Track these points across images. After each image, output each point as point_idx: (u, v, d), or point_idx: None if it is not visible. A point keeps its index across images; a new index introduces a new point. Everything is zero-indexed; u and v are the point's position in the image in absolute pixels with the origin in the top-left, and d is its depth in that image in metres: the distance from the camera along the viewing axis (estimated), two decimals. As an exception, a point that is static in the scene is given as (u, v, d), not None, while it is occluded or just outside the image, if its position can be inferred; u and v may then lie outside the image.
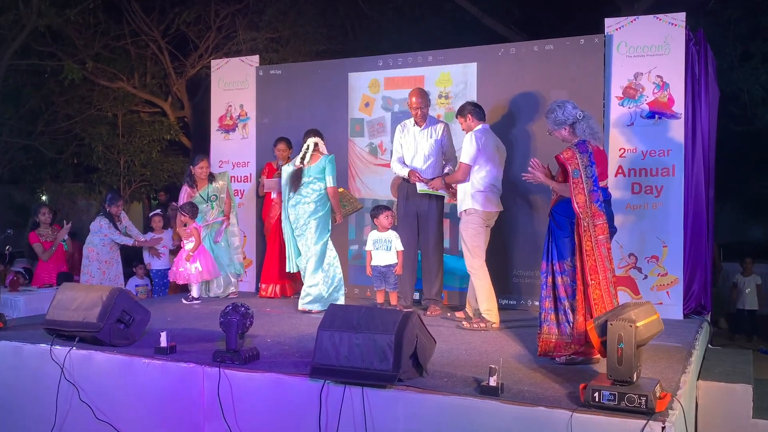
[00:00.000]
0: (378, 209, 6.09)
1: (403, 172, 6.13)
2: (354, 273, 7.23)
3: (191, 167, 7.17)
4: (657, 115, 6.08)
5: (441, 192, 6.05)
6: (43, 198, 13.12)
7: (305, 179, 6.19)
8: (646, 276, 6.10)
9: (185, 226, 6.93)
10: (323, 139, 6.34)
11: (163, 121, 12.34)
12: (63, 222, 7.90)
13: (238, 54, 10.60)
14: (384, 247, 6.02)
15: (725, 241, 10.21)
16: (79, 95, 11.91)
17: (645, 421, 3.17)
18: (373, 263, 6.08)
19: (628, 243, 6.12)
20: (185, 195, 7.17)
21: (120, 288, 5.01)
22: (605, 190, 4.50)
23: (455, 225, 6.68)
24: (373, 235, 6.11)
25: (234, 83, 7.94)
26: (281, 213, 6.63)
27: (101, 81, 11.75)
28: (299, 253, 6.31)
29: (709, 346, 5.98)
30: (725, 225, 8.61)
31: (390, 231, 6.04)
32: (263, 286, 7.13)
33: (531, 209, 6.39)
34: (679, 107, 6.02)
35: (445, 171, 6.09)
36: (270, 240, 7.19)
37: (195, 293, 6.85)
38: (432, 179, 5.99)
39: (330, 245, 6.32)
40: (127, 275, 8.15)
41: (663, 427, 3.15)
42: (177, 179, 12.03)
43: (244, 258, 7.57)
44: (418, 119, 6.09)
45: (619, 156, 6.16)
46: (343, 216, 6.47)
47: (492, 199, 5.59)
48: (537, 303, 5.32)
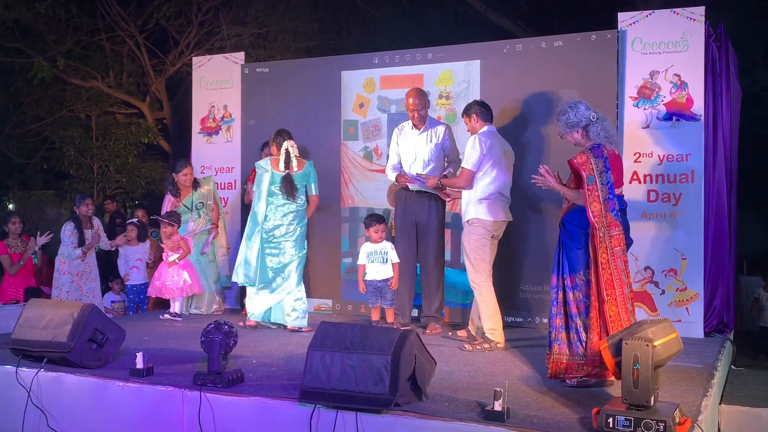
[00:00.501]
0: (370, 219, 6.07)
1: (392, 177, 6.15)
2: (347, 288, 7.22)
3: (174, 174, 7.17)
4: (675, 117, 6.10)
5: (434, 191, 6.02)
6: (10, 207, 13.10)
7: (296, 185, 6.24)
8: (663, 291, 6.11)
9: (169, 237, 6.92)
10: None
11: (141, 123, 12.35)
12: (34, 233, 7.88)
13: (221, 51, 10.64)
14: (379, 260, 6.02)
15: (748, 253, 10.22)
16: (50, 95, 11.92)
17: (663, 449, 3.17)
18: (368, 278, 6.07)
19: (643, 255, 6.12)
20: (168, 205, 7.17)
21: (92, 304, 4.98)
22: (621, 198, 4.51)
23: (457, 235, 6.68)
24: (367, 247, 6.10)
25: (217, 82, 7.95)
26: None
27: (73, 80, 11.75)
28: (266, 266, 6.24)
29: (732, 367, 5.98)
30: (748, 235, 8.61)
31: (385, 242, 6.03)
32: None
33: (540, 218, 6.39)
34: (699, 108, 6.04)
35: (449, 169, 6.10)
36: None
37: (177, 309, 6.84)
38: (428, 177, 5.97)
39: None
40: (103, 291, 8.13)
41: (683, 456, 3.15)
42: (155, 186, 12.02)
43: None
44: (416, 122, 6.10)
45: (634, 161, 6.18)
46: None
47: (498, 208, 5.58)
48: (546, 321, 5.32)
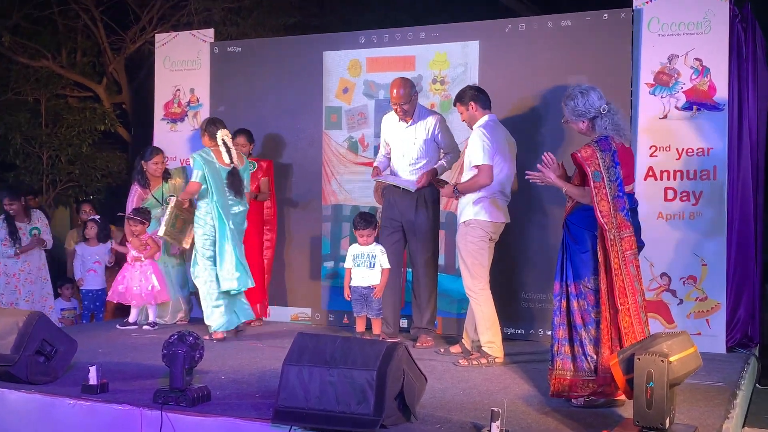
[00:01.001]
0: (361, 219, 6.06)
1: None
2: (329, 295, 7.21)
3: (143, 162, 7.16)
4: (695, 106, 6.13)
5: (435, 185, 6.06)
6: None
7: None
8: (681, 300, 6.14)
9: (137, 236, 6.90)
10: None
11: (96, 108, 12.26)
12: None
13: (188, 27, 10.58)
14: (366, 264, 6.02)
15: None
16: (-7, 76, 11.82)
17: (679, 477, 3.19)
18: (353, 284, 6.08)
19: (659, 261, 6.15)
20: (135, 197, 7.17)
21: (40, 312, 4.97)
22: (631, 196, 4.54)
23: (452, 237, 6.69)
24: (354, 249, 6.11)
25: (183, 63, 7.92)
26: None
27: (20, 58, 11.67)
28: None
29: (757, 386, 6.02)
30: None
31: (375, 245, 6.04)
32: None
33: (545, 218, 6.41)
34: (722, 97, 6.07)
35: (441, 162, 6.08)
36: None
37: (152, 317, 6.96)
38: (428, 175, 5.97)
39: None
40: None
41: (701, 484, 3.17)
42: (112, 179, 11.97)
43: None
44: (400, 116, 6.10)
45: (650, 155, 6.21)
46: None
47: (499, 207, 5.60)
48: (550, 332, 5.34)
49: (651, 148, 6.22)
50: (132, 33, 12.21)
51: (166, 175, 7.18)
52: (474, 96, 5.67)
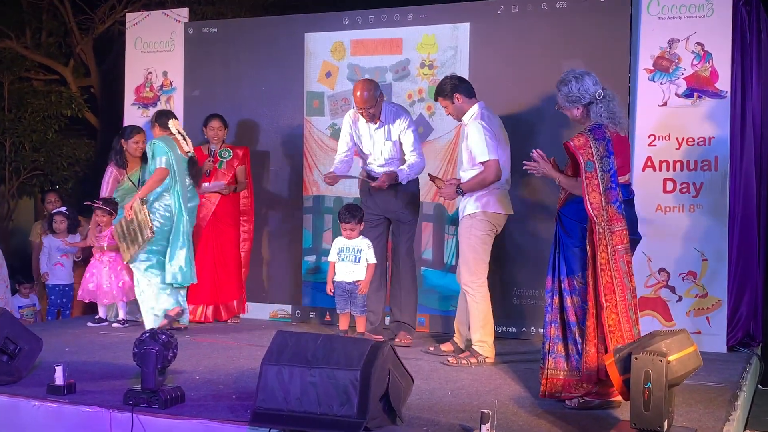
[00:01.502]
0: (347, 212, 6.04)
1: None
2: (310, 291, 7.21)
3: (122, 141, 7.15)
4: (696, 94, 6.16)
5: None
6: None
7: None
8: (680, 297, 6.18)
9: (101, 228, 6.87)
10: None
11: (63, 92, 12.16)
12: None
13: (161, 6, 10.50)
14: (351, 259, 6.02)
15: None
16: (-49, 57, 11.71)
17: (677, 482, 3.22)
18: (337, 279, 6.07)
19: (658, 255, 6.19)
20: (111, 179, 7.16)
21: (2, 308, 4.95)
22: (626, 187, 4.56)
23: (439, 230, 6.71)
24: (339, 242, 6.10)
25: (155, 44, 7.89)
26: (212, 215, 7.03)
27: (-19, 38, 11.57)
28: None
29: (760, 387, 6.07)
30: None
31: (361, 238, 6.03)
32: (191, 308, 7.10)
33: (538, 211, 6.43)
34: (725, 84, 6.10)
35: (404, 170, 5.97)
36: (199, 249, 7.14)
37: (122, 315, 6.95)
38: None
39: None
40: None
41: (700, 489, 3.20)
42: (79, 168, 11.90)
43: None
44: (367, 119, 6.05)
45: (648, 145, 6.24)
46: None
47: (506, 197, 5.65)
48: (542, 330, 5.36)
49: (650, 137, 6.24)
50: (101, 12, 12.11)
51: (145, 158, 7.16)
52: (456, 86, 5.62)
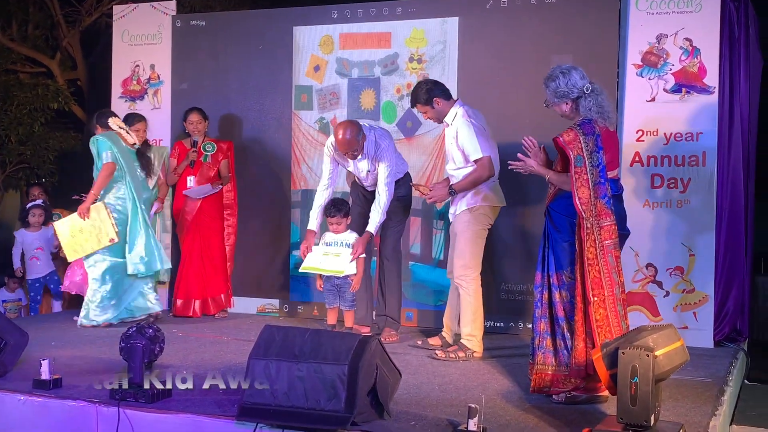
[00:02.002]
0: (332, 206, 6.04)
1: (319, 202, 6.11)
2: (298, 286, 7.22)
3: None
4: (684, 89, 6.19)
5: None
6: None
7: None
8: (667, 292, 6.21)
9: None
10: None
11: (49, 85, 12.10)
12: None
13: (149, -1, 10.48)
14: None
15: (767, 250, 10.41)
16: (-66, 49, 11.64)
17: (663, 476, 3.24)
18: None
19: (645, 251, 6.22)
20: None
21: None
22: (615, 182, 4.57)
23: (427, 225, 6.72)
24: (327, 237, 6.10)
25: (143, 37, 7.87)
26: (197, 210, 7.11)
27: (-34, 30, 11.51)
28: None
29: (746, 381, 6.10)
30: (768, 229, 8.76)
31: (349, 233, 6.04)
32: (178, 302, 7.09)
33: (525, 206, 6.45)
34: (713, 79, 6.13)
35: (374, 222, 5.88)
36: (186, 243, 7.14)
37: None
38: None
39: None
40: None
41: (685, 483, 3.22)
42: (66, 162, 11.84)
43: None
44: (349, 157, 5.96)
45: (636, 140, 6.26)
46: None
47: (499, 190, 5.70)
48: (531, 326, 5.38)
49: (638, 132, 6.26)
50: (88, 4, 12.06)
51: (146, 147, 7.17)
52: (432, 90, 5.60)
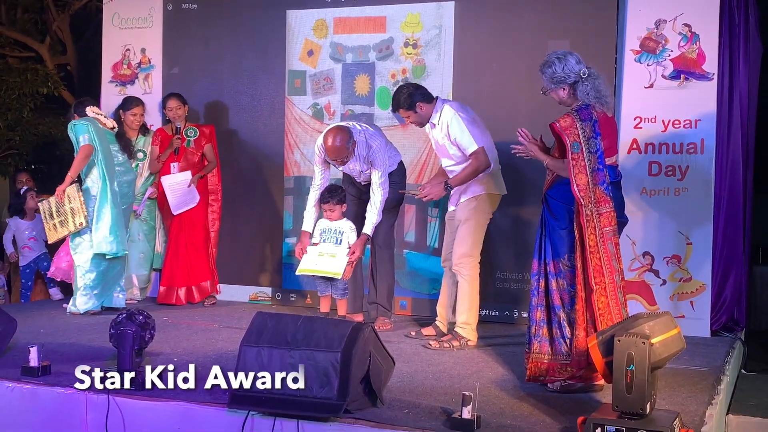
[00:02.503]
0: (327, 192, 6.03)
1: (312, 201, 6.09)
2: (291, 274, 7.20)
3: (121, 112, 7.15)
4: (683, 75, 6.17)
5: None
6: None
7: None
8: (664, 281, 6.22)
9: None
10: None
11: (38, 70, 12.05)
12: None
13: (140, -19, 10.43)
14: (333, 240, 6.00)
15: (765, 239, 10.44)
16: None
17: (659, 465, 3.24)
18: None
19: (642, 239, 6.22)
20: None
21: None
22: (613, 169, 4.56)
23: (421, 213, 6.71)
24: (322, 224, 6.09)
25: (133, 20, 7.84)
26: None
27: (-47, 13, 11.45)
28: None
29: (743, 371, 6.11)
30: (767, 218, 8.76)
31: (344, 221, 6.03)
32: (161, 289, 7.09)
33: (521, 193, 6.43)
34: (712, 66, 6.12)
35: (370, 224, 5.89)
36: (172, 231, 7.12)
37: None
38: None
39: None
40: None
41: (682, 472, 3.22)
42: (56, 147, 11.81)
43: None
44: (339, 164, 5.94)
45: (634, 127, 6.25)
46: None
47: (501, 177, 5.72)
48: (526, 315, 5.38)
49: (636, 119, 6.26)
50: (78, -13, 12.01)
51: (144, 131, 7.17)
52: (413, 95, 5.59)
